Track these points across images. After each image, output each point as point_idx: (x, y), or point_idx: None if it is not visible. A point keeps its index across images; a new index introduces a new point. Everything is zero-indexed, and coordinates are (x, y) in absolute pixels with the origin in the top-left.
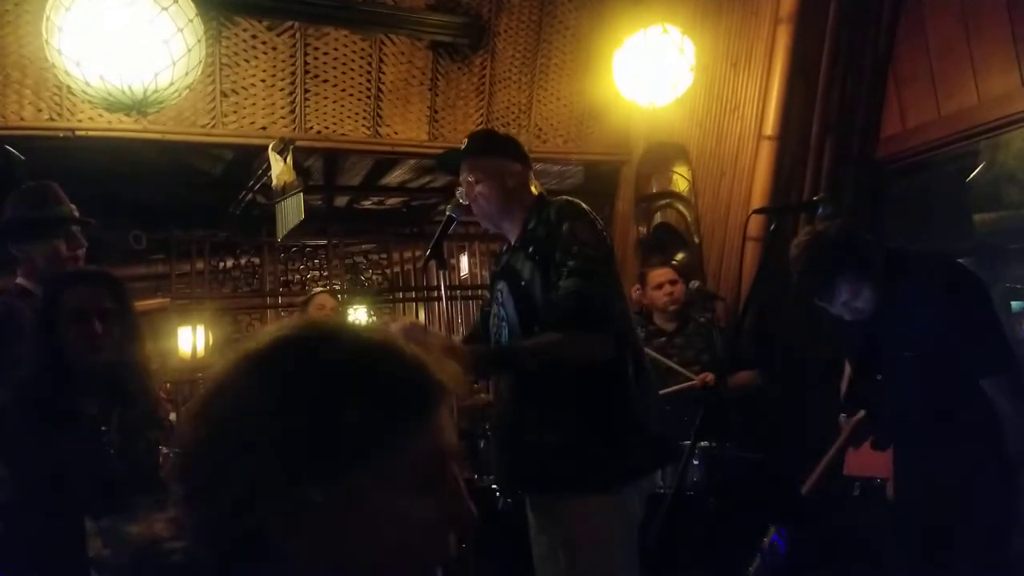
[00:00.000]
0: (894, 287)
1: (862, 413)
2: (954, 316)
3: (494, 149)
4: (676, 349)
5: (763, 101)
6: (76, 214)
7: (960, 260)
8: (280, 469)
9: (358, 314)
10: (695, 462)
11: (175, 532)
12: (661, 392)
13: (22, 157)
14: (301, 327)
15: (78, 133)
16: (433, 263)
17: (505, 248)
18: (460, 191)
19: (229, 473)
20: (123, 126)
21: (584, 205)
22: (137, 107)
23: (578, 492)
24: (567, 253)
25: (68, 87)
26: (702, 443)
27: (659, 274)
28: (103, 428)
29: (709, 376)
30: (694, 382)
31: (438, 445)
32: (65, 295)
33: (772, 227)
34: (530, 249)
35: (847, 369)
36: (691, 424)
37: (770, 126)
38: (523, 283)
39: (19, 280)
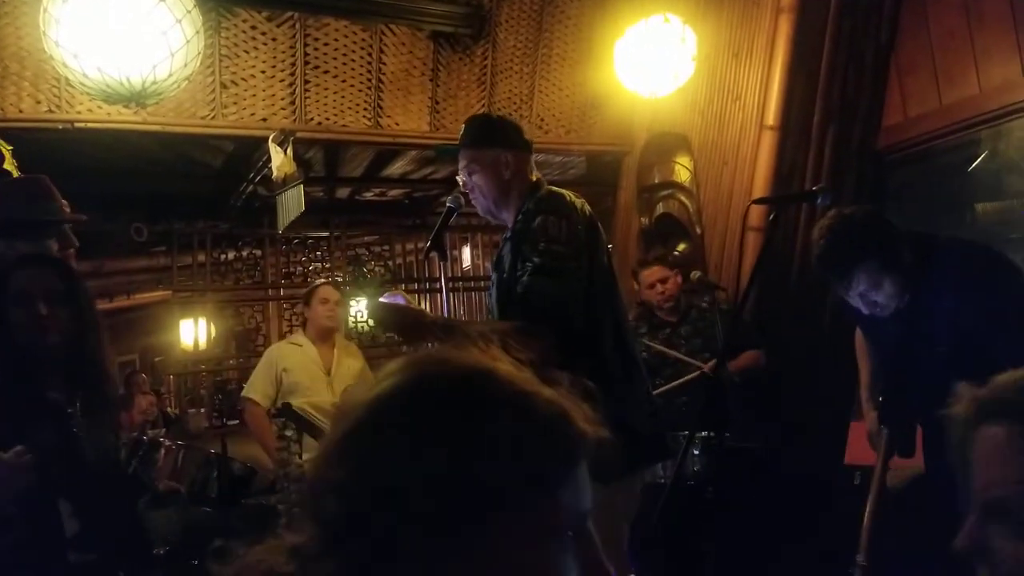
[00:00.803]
0: (925, 277)
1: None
2: (988, 307)
3: (490, 138)
4: (683, 339)
5: (765, 91)
6: (67, 210)
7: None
8: (419, 516)
9: (360, 305)
10: (695, 452)
11: (296, 567)
12: (664, 388)
13: (9, 146)
14: (439, 365)
15: (77, 125)
16: (434, 255)
17: (504, 237)
18: (460, 179)
19: (366, 518)
20: (122, 118)
21: (567, 198)
22: (135, 99)
23: None
24: (534, 248)
25: (67, 79)
26: (701, 433)
27: (650, 273)
28: (69, 411)
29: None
30: (704, 369)
31: (579, 501)
32: (11, 280)
33: (772, 217)
34: (515, 241)
35: (864, 375)
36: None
37: (772, 116)
38: (504, 275)
39: None
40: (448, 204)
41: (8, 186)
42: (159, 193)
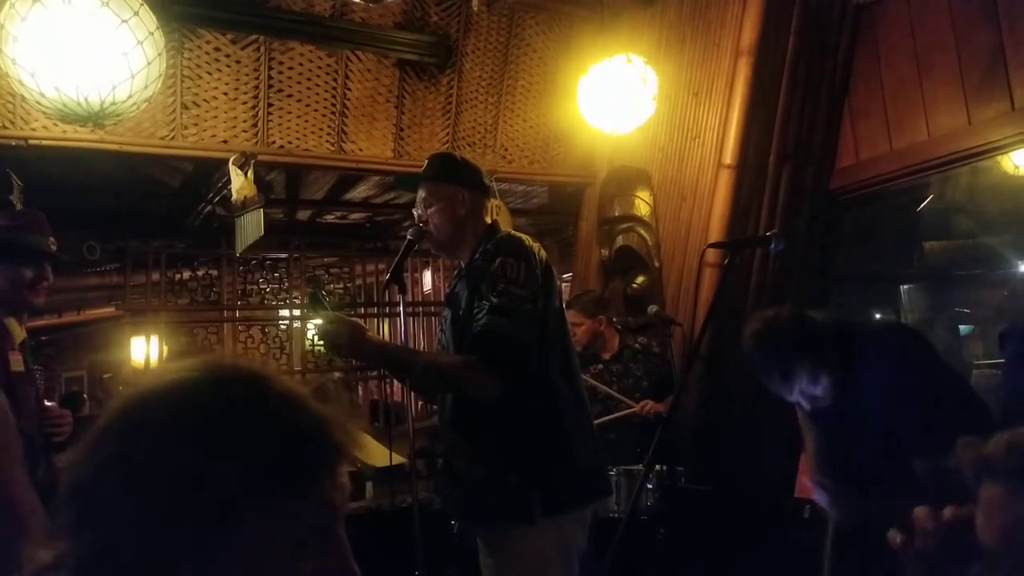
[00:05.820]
0: (850, 368)
1: None
2: (904, 388)
3: (448, 175)
4: (615, 376)
5: (723, 130)
6: (54, 248)
7: (910, 287)
8: (157, 514)
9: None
10: (649, 486)
11: (57, 563)
12: (602, 420)
13: (21, 183)
14: (200, 368)
15: (31, 142)
16: (394, 286)
17: (456, 274)
18: (416, 212)
19: (105, 516)
20: (78, 136)
21: (526, 242)
22: (93, 119)
23: (506, 522)
24: (492, 289)
25: (22, 96)
26: (656, 467)
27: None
28: None
29: (650, 405)
30: (634, 409)
31: (329, 506)
32: None
33: (727, 261)
34: (471, 280)
35: (807, 443)
36: (636, 451)
37: (729, 155)
38: (460, 312)
39: None
40: (408, 237)
41: (6, 212)
42: (114, 211)
